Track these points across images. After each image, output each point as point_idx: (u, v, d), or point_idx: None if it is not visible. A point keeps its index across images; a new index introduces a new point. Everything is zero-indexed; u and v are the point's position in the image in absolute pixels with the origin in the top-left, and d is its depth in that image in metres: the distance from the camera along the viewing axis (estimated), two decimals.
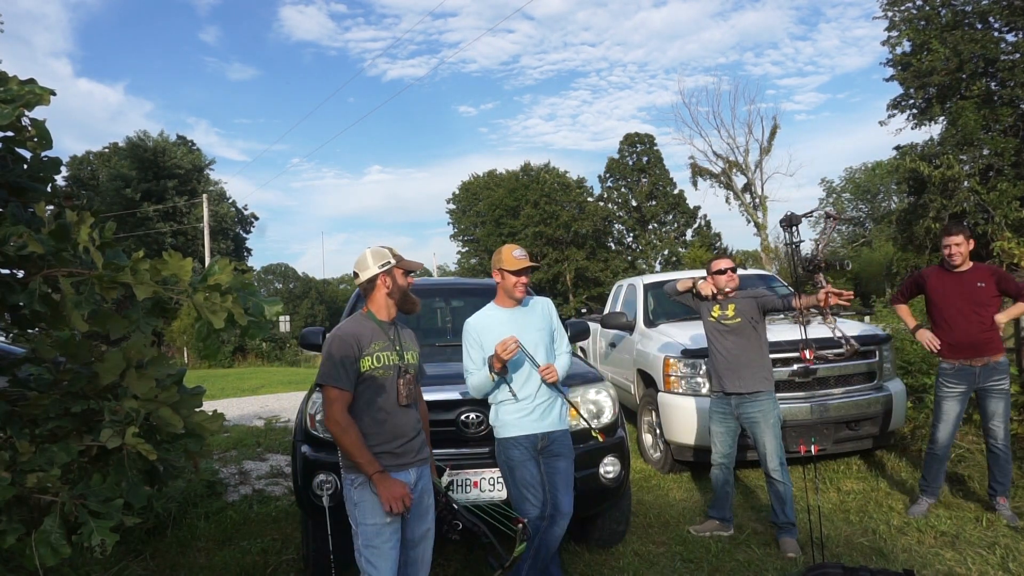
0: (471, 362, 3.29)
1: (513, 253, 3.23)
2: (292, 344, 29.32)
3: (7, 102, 1.82)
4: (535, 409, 3.21)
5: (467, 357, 3.30)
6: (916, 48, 20.73)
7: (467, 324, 3.33)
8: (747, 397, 4.13)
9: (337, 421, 2.51)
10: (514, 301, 3.31)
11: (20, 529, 1.78)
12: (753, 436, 4.16)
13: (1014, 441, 5.21)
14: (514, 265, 3.20)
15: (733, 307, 4.23)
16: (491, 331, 3.23)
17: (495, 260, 3.30)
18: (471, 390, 3.31)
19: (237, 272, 2.03)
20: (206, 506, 5.04)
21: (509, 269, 3.21)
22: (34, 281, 1.82)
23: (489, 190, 47.07)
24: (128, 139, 36.38)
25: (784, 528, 4.04)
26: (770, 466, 4.06)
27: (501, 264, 3.24)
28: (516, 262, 3.20)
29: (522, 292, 3.28)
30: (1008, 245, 5.67)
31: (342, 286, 65.54)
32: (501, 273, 3.26)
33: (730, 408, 4.23)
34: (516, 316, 3.31)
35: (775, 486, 4.06)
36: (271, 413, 10.12)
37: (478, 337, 3.26)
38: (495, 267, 3.30)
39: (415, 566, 2.70)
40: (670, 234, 42.65)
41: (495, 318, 3.31)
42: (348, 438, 2.50)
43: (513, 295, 3.27)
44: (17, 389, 2.03)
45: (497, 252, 3.30)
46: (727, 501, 4.33)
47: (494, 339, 3.17)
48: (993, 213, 17.48)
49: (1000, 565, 3.64)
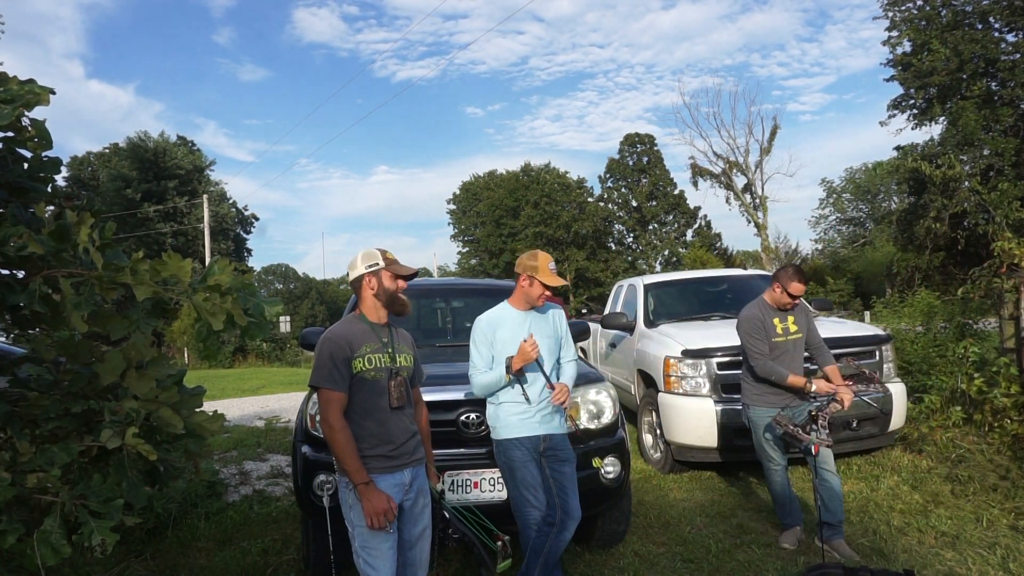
0: (480, 359, 3.23)
1: (550, 266, 3.19)
2: (292, 344, 29.30)
3: (7, 102, 1.83)
4: (537, 412, 3.21)
5: (475, 354, 3.24)
6: (916, 48, 20.75)
7: (479, 321, 3.29)
8: (794, 403, 4.06)
9: (331, 424, 2.50)
10: (530, 306, 3.30)
11: (21, 529, 1.78)
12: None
13: (1014, 441, 5.21)
14: (550, 281, 3.19)
15: (793, 319, 4.14)
16: (503, 330, 3.21)
17: (527, 264, 3.23)
18: (476, 388, 3.24)
19: (237, 273, 2.03)
20: (206, 506, 5.04)
21: (543, 281, 3.18)
22: (34, 282, 1.82)
23: (489, 190, 47.07)
24: (128, 139, 36.44)
25: (837, 528, 3.91)
26: (827, 467, 3.94)
27: (536, 273, 3.18)
28: (553, 278, 3.19)
29: (543, 303, 3.30)
30: (1008, 245, 5.66)
31: (343, 287, 65.53)
32: (531, 280, 3.21)
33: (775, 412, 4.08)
34: (529, 319, 3.28)
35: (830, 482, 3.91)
36: (271, 413, 10.12)
37: (490, 335, 3.23)
38: (525, 271, 3.23)
39: (413, 567, 2.70)
40: (670, 234, 42.67)
41: (508, 318, 3.27)
42: (339, 442, 2.49)
43: (534, 303, 3.27)
44: (17, 389, 2.04)
45: (532, 256, 3.25)
46: (795, 504, 4.21)
47: (505, 338, 3.16)
48: (993, 213, 17.48)
49: (1000, 565, 3.64)
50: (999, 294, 5.83)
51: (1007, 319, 5.80)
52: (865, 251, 37.34)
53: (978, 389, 5.70)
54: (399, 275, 2.70)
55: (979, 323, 7.03)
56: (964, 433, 5.59)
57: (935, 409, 5.99)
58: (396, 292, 2.69)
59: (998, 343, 6.21)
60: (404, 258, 2.84)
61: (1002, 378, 5.56)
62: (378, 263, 2.68)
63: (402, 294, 2.73)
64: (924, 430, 5.79)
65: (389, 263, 2.71)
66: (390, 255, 2.73)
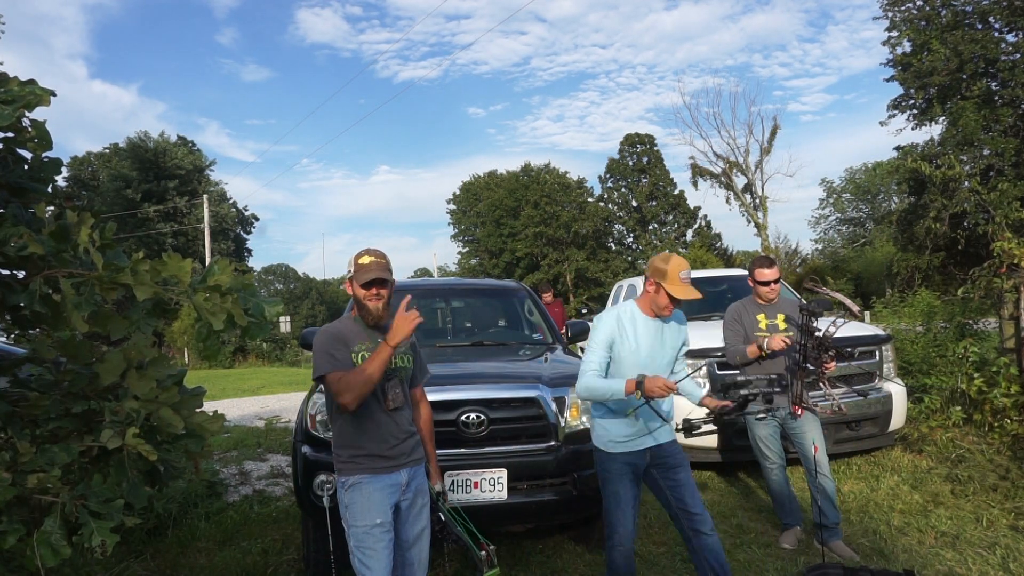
0: (596, 360, 2.95)
1: (682, 275, 2.87)
2: (292, 344, 29.31)
3: (7, 103, 1.83)
4: (644, 425, 3.01)
5: (591, 352, 2.97)
6: (916, 48, 20.74)
7: (601, 318, 3.04)
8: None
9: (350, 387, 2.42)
10: (656, 314, 3.02)
11: (21, 530, 1.78)
12: (799, 442, 4.01)
13: (1014, 441, 5.21)
14: (680, 294, 2.86)
15: (782, 316, 4.07)
16: (627, 335, 2.98)
17: (658, 270, 2.92)
18: (581, 389, 2.95)
19: (237, 273, 2.03)
20: (207, 506, 5.04)
21: (671, 292, 2.87)
22: (34, 282, 1.82)
23: (489, 190, 47.08)
24: (128, 139, 36.47)
25: (834, 530, 3.91)
26: (820, 470, 3.91)
27: (665, 281, 2.88)
28: (684, 290, 2.86)
29: (669, 313, 3.00)
30: (1008, 245, 5.66)
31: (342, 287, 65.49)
32: (658, 288, 2.92)
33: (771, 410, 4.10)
34: (658, 328, 3.03)
35: (824, 485, 3.88)
36: (271, 413, 10.12)
37: (611, 337, 2.97)
38: (653, 276, 2.94)
39: (412, 567, 2.69)
40: (670, 234, 42.65)
41: (637, 325, 3.01)
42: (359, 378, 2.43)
43: (661, 313, 2.98)
44: (18, 389, 2.04)
45: (663, 259, 2.92)
46: (794, 503, 4.19)
47: (629, 348, 2.95)
48: (993, 213, 17.47)
49: (1000, 565, 3.64)
50: (999, 294, 5.83)
51: (1007, 319, 5.79)
52: (865, 251, 37.33)
53: (978, 389, 5.71)
54: (359, 283, 2.59)
55: (979, 323, 7.03)
56: (964, 433, 5.60)
57: (935, 409, 5.99)
58: (362, 300, 2.61)
59: (998, 343, 6.21)
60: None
61: (1002, 378, 5.56)
62: (350, 270, 2.65)
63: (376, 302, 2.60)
64: (924, 430, 5.80)
65: (356, 270, 2.62)
66: (364, 260, 2.62)
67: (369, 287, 2.59)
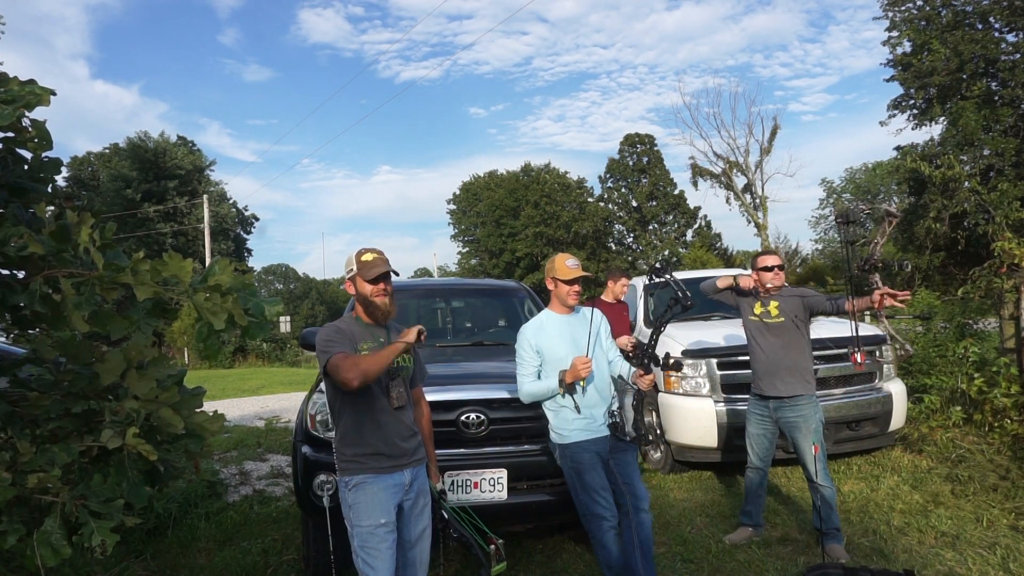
0: (528, 368, 3.32)
1: (566, 263, 3.32)
2: (292, 345, 29.32)
3: (7, 103, 1.83)
4: (596, 417, 3.27)
5: (522, 363, 3.34)
6: (916, 48, 20.74)
7: (523, 330, 3.38)
8: (786, 401, 3.96)
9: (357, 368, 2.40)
10: (567, 308, 3.39)
11: (21, 530, 1.78)
12: (793, 442, 4.00)
13: (1014, 441, 5.21)
14: (567, 275, 3.29)
15: (776, 305, 4.05)
16: (546, 337, 3.31)
17: (549, 269, 3.40)
18: (524, 396, 3.33)
19: (237, 273, 2.03)
20: (207, 506, 5.04)
21: (562, 279, 3.31)
22: (35, 282, 1.82)
23: (489, 190, 47.06)
24: (128, 139, 36.46)
25: (830, 535, 3.88)
26: (812, 473, 3.90)
27: (555, 273, 3.34)
28: (569, 272, 3.30)
29: (575, 299, 3.37)
30: (1008, 245, 5.66)
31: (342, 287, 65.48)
32: (555, 282, 3.36)
33: (768, 411, 4.06)
34: (570, 322, 3.37)
35: (820, 491, 3.88)
36: (272, 413, 10.13)
37: (535, 343, 3.31)
38: (548, 276, 3.40)
39: (413, 567, 2.70)
40: (670, 234, 42.64)
41: (550, 324, 3.37)
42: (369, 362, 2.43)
43: (566, 303, 3.37)
44: (18, 390, 2.03)
45: (551, 261, 3.40)
46: (761, 506, 4.21)
47: (549, 345, 3.28)
48: (994, 213, 17.47)
49: (1000, 565, 3.64)
50: (999, 294, 5.83)
51: (1007, 319, 5.80)
52: (865, 251, 37.32)
53: (978, 389, 5.71)
54: (366, 279, 2.61)
55: (979, 323, 7.03)
56: (964, 433, 5.60)
57: (935, 409, 5.99)
58: (369, 297, 2.62)
59: (998, 343, 6.22)
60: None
61: (1002, 378, 5.56)
62: (353, 268, 2.65)
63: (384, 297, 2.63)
64: (924, 430, 5.80)
65: (360, 267, 2.63)
66: (367, 257, 2.64)
67: (377, 282, 2.61)
